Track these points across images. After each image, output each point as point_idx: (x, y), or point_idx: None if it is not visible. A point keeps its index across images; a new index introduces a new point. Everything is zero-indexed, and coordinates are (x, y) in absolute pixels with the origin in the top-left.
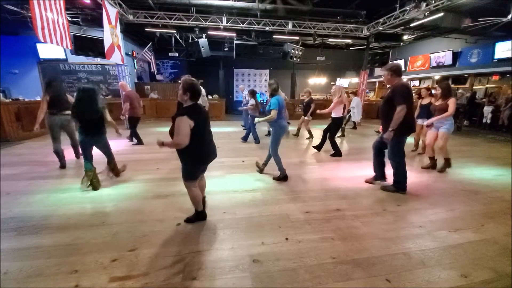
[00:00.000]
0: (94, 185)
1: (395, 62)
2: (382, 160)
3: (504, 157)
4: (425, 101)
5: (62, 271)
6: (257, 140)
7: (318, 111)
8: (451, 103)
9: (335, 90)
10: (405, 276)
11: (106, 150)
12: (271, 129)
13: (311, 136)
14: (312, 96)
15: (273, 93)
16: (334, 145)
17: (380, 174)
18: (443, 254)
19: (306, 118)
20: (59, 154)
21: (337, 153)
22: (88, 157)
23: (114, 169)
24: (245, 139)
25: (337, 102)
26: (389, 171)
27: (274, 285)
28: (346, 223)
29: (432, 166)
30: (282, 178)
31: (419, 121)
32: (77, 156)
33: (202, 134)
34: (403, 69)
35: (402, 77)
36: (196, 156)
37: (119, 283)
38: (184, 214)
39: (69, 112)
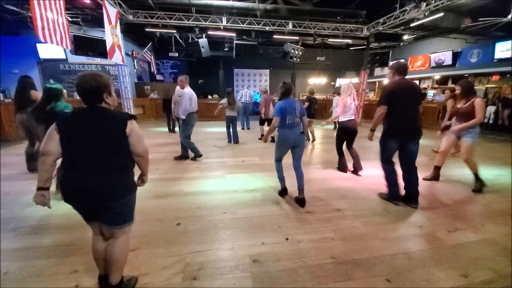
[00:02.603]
0: None
1: (401, 61)
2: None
3: (504, 157)
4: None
5: (62, 271)
6: (229, 139)
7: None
8: (478, 106)
9: (344, 87)
10: (405, 276)
11: None
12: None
13: (309, 138)
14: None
15: (281, 97)
16: (340, 156)
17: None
18: (443, 254)
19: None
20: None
21: (341, 167)
22: None
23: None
24: (235, 141)
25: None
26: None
27: (274, 285)
28: (346, 223)
29: (435, 177)
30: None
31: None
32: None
33: (69, 153)
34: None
35: (407, 76)
36: (62, 183)
37: None
38: (184, 214)
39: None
